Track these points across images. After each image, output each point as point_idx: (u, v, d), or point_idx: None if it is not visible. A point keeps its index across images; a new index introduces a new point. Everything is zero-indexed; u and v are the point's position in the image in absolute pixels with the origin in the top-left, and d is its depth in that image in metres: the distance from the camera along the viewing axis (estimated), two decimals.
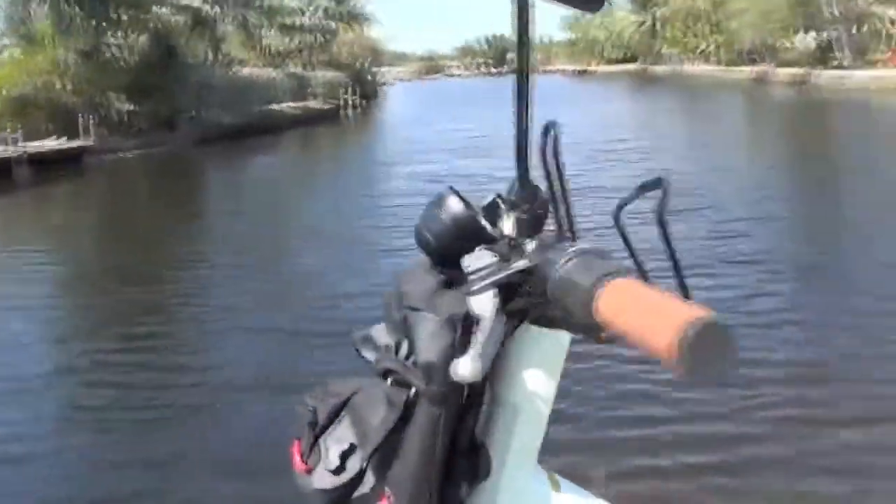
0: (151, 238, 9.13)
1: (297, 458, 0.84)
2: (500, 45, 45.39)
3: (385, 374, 0.81)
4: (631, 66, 35.92)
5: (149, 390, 4.27)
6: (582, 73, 34.80)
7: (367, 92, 33.53)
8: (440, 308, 0.78)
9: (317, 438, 0.84)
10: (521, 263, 0.73)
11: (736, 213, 8.74)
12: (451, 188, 0.84)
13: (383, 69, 40.06)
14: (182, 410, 3.99)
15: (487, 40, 48.26)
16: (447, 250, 0.82)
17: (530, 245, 0.75)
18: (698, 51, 35.30)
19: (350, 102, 29.79)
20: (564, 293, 0.64)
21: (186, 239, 9.01)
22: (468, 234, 0.81)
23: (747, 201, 9.42)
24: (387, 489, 0.79)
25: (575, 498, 0.86)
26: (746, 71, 29.95)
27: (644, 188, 0.71)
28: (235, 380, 4.44)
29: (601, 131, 16.57)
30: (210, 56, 26.06)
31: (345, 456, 0.82)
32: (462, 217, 0.83)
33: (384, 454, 0.79)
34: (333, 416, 0.85)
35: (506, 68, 39.60)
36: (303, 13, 32.75)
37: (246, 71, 26.64)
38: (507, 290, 0.75)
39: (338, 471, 0.81)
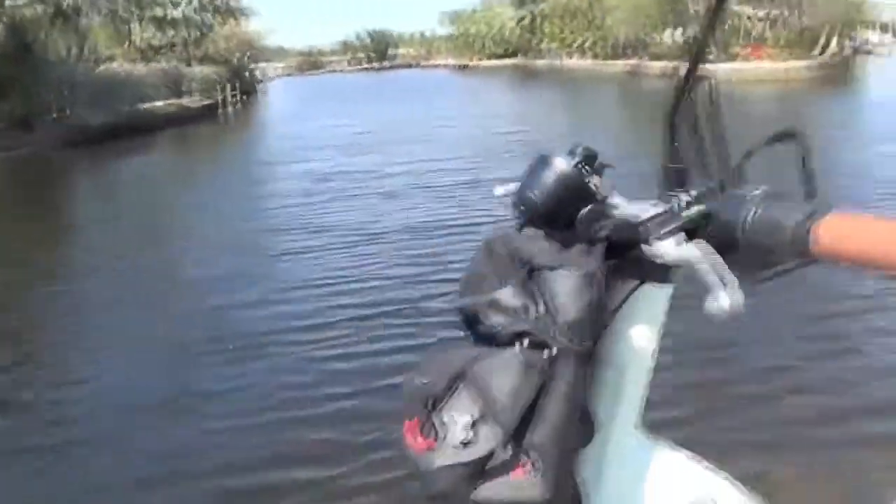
0: (10, 254, 8.31)
1: (413, 438, 0.80)
2: (382, 40, 44.92)
3: (516, 337, 0.78)
4: (512, 61, 36.55)
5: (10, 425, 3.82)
6: (464, 67, 35.07)
7: (247, 88, 32.40)
8: (573, 265, 0.78)
9: (430, 414, 0.81)
10: (698, 208, 0.77)
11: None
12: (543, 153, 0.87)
13: (262, 64, 38.88)
14: (43, 446, 3.57)
15: (369, 34, 47.72)
16: (554, 209, 0.84)
17: (684, 196, 0.79)
18: (576, 45, 36.40)
19: (229, 99, 28.68)
20: (767, 232, 0.70)
21: (52, 251, 8.27)
22: (574, 192, 0.84)
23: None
24: (528, 455, 0.76)
25: (677, 459, 0.86)
26: (621, 64, 31.15)
27: (776, 139, 0.82)
28: (115, 402, 4.02)
29: (490, 123, 16.67)
30: (74, 51, 24.35)
31: (471, 428, 0.79)
32: (570, 175, 0.85)
33: (510, 417, 0.76)
34: (447, 390, 0.81)
35: (387, 63, 39.24)
36: (176, 6, 31.22)
37: (115, 67, 25.07)
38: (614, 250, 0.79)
39: (466, 444, 0.78)
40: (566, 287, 0.79)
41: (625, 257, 0.83)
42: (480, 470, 0.78)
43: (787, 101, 20.74)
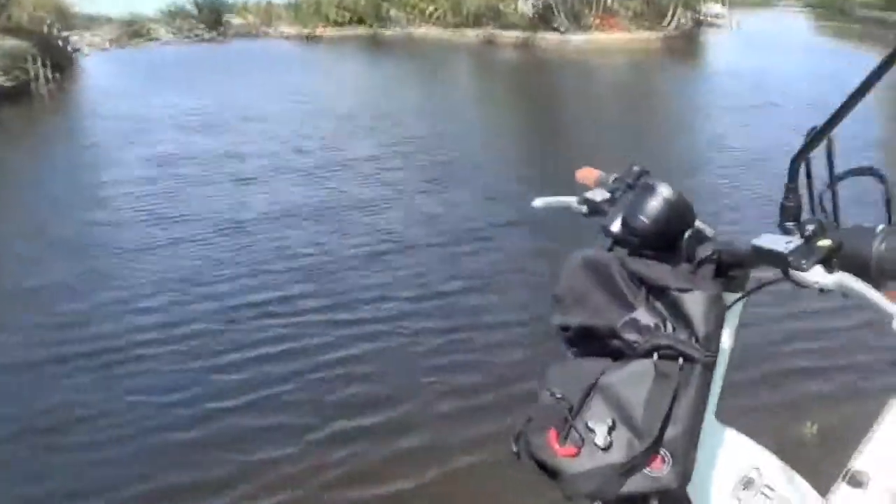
0: None
1: (557, 446, 0.92)
2: (214, 8, 42.14)
3: (651, 351, 0.93)
4: (359, 31, 35.44)
5: None
6: (311, 38, 33.50)
7: (61, 62, 29.12)
8: (700, 287, 0.94)
9: (569, 424, 0.93)
10: (831, 240, 0.92)
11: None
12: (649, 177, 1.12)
13: (76, 35, 35.27)
14: None
15: (197, 3, 44.58)
16: (662, 233, 1.02)
17: (810, 227, 0.95)
18: (426, 14, 35.82)
19: (41, 76, 25.61)
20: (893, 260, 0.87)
21: None
22: (680, 216, 1.03)
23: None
24: (662, 450, 0.90)
25: (728, 434, 1.07)
26: (473, 34, 31.04)
27: (857, 172, 1.07)
28: None
29: (346, 99, 15.97)
30: None
31: (609, 433, 0.91)
32: (677, 201, 1.03)
33: (650, 421, 0.90)
34: (583, 400, 0.94)
35: (222, 32, 36.89)
36: None
37: None
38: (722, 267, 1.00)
39: (607, 448, 0.90)
40: (698, 306, 0.92)
41: (729, 277, 1.02)
42: (621, 469, 0.90)
43: (640, 70, 21.58)
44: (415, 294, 5.61)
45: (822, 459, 1.54)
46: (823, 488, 1.42)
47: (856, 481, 1.44)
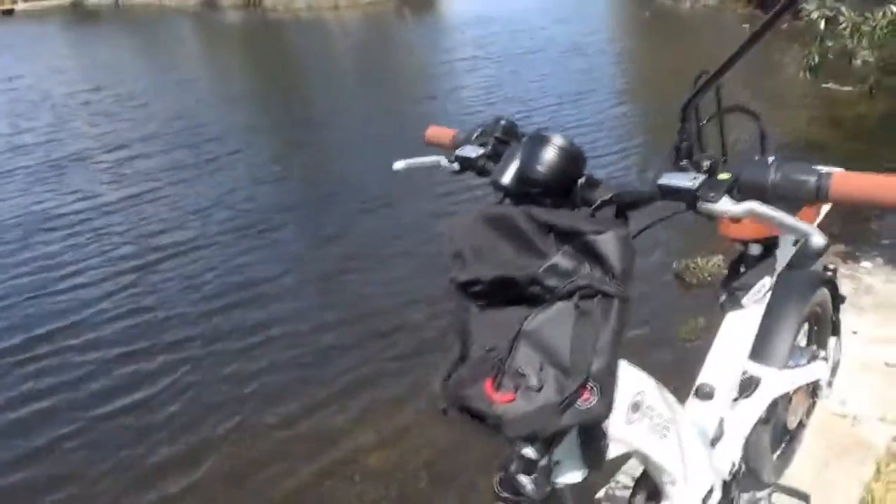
0: None
1: (496, 394, 0.97)
2: None
3: (571, 293, 0.97)
4: (59, 2, 31.24)
5: None
6: (7, 13, 28.91)
7: None
8: (612, 229, 0.99)
9: (501, 372, 0.97)
10: (728, 173, 1.02)
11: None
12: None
13: None
14: None
15: None
16: (559, 180, 1.09)
17: (706, 163, 1.05)
18: None
19: None
20: (790, 189, 0.98)
21: None
22: (573, 163, 1.10)
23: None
24: (590, 383, 0.96)
25: (634, 373, 1.17)
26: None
27: (735, 110, 1.25)
28: None
29: (59, 81, 14.03)
30: None
31: (539, 373, 0.96)
32: (570, 149, 1.09)
33: (578, 358, 0.96)
34: (510, 349, 0.98)
35: None
36: None
37: None
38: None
39: (540, 389, 0.95)
40: (612, 246, 0.97)
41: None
42: (557, 407, 0.94)
43: (375, 27, 21.40)
44: (193, 311, 5.00)
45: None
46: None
47: (703, 394, 1.52)
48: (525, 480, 1.01)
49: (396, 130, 8.56)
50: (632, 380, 1.15)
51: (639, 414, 1.16)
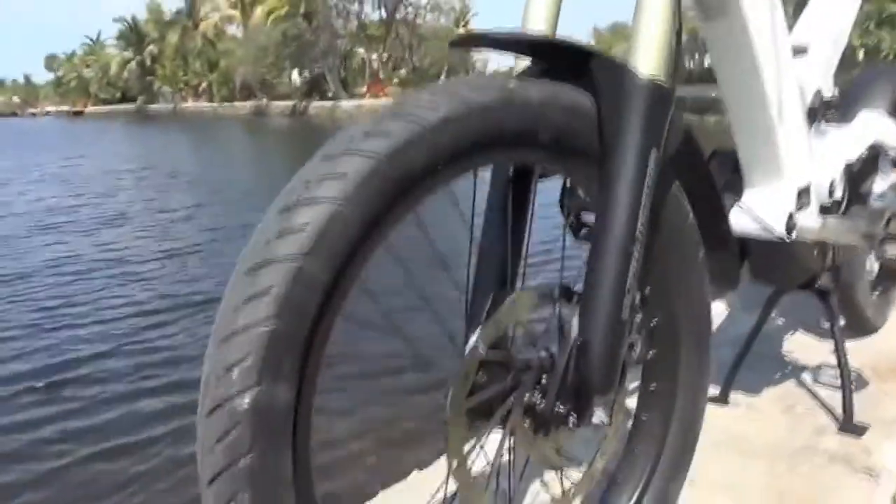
0: None
1: None
2: None
3: None
4: (126, 107, 34.44)
5: None
6: (78, 114, 32.05)
7: None
8: None
9: None
10: None
11: None
12: None
13: None
14: None
15: None
16: None
17: None
18: (192, 87, 35.73)
19: None
20: None
21: None
22: None
23: None
24: None
25: None
26: (242, 106, 31.58)
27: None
28: None
29: (128, 166, 15.56)
30: None
31: None
32: None
33: None
34: None
35: None
36: None
37: None
38: None
39: None
40: None
41: None
42: None
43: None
44: None
45: None
46: None
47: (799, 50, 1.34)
48: None
49: None
50: None
51: None
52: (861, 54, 5.59)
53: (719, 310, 2.03)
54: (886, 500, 1.19)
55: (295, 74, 31.50)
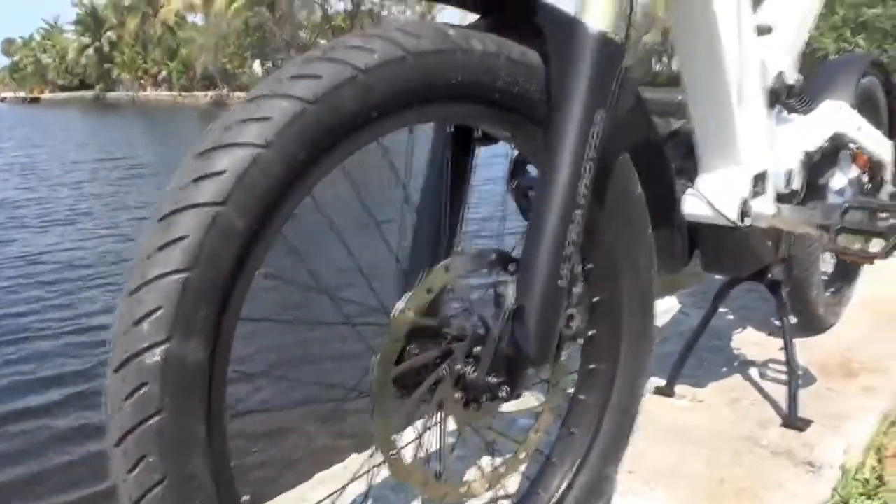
0: None
1: None
2: None
3: None
4: (84, 94, 33.68)
5: None
6: (34, 100, 31.25)
7: None
8: None
9: None
10: None
11: None
12: None
13: None
14: None
15: None
16: None
17: None
18: (150, 76, 35.08)
19: None
20: None
21: None
22: None
23: None
24: None
25: None
26: (202, 96, 31.12)
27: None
28: None
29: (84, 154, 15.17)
30: None
31: None
32: None
33: None
34: None
35: None
36: None
37: None
38: None
39: None
40: None
41: None
42: None
43: None
44: None
45: None
46: None
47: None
48: None
49: None
50: None
51: None
52: None
53: (670, 305, 2.04)
54: (827, 492, 1.19)
55: (257, 65, 31.11)
